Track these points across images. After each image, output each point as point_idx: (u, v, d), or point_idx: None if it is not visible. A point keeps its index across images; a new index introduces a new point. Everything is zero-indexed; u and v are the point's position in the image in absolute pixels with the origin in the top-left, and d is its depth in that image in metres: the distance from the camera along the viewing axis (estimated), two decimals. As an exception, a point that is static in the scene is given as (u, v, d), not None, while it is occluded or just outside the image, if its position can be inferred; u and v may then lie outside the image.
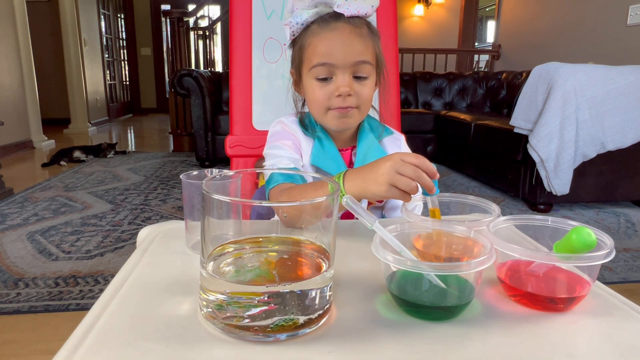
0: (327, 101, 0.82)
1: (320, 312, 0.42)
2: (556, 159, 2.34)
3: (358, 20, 0.82)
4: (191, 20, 4.60)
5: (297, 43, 0.86)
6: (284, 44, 1.64)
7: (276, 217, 0.45)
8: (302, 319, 0.40)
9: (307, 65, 0.83)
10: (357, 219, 0.50)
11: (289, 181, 0.77)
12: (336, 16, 0.81)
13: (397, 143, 0.95)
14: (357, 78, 0.81)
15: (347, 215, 0.85)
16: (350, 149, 0.92)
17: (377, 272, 0.53)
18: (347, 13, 0.80)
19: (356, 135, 0.92)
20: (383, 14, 1.42)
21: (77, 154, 3.81)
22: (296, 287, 0.40)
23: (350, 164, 0.91)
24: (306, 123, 0.91)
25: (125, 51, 8.06)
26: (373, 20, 1.31)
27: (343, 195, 0.61)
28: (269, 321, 0.40)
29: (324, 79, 0.81)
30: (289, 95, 0.97)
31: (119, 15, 7.79)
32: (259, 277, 0.43)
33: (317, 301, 0.41)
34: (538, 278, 0.50)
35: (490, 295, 0.50)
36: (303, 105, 0.95)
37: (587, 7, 3.67)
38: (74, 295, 1.51)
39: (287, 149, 0.87)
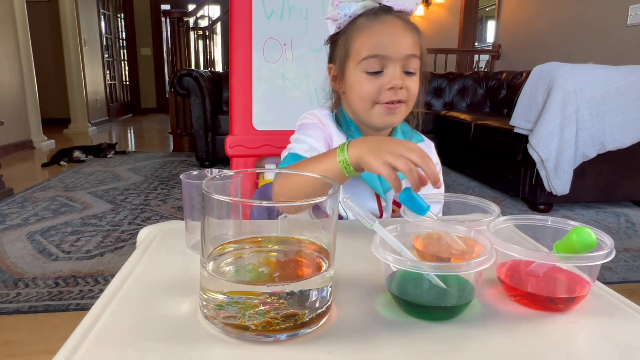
0: (377, 95, 0.79)
1: (320, 312, 0.42)
2: (556, 159, 2.34)
3: (405, 15, 0.81)
4: (191, 20, 4.60)
5: (342, 36, 0.83)
6: (284, 44, 1.64)
7: (281, 216, 0.44)
8: (302, 319, 0.40)
9: (355, 58, 0.81)
10: (357, 219, 0.50)
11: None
12: (385, 10, 0.80)
13: (427, 150, 0.93)
14: (405, 73, 0.80)
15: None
16: None
17: (377, 272, 0.53)
18: (396, 7, 0.80)
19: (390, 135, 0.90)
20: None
21: (77, 154, 3.81)
22: (296, 287, 0.40)
23: None
24: (340, 120, 0.88)
25: (125, 51, 8.06)
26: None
27: (345, 159, 0.63)
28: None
29: (374, 73, 0.79)
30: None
31: (119, 15, 7.79)
32: (259, 277, 0.43)
33: (317, 301, 0.41)
34: (538, 278, 0.50)
35: (490, 295, 0.50)
36: (336, 102, 0.92)
37: (587, 7, 3.67)
38: (74, 295, 1.51)
39: (315, 139, 0.85)
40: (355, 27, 0.81)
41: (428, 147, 0.94)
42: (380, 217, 0.89)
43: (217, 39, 6.54)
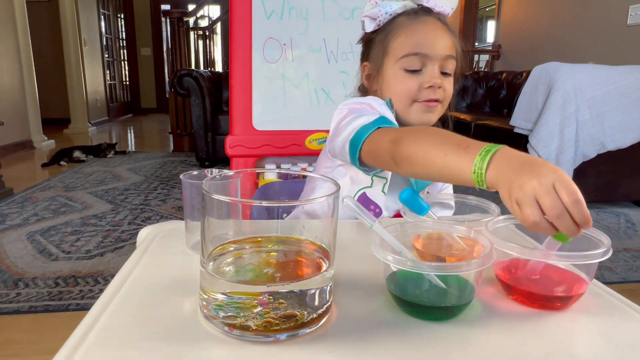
0: (417, 92, 0.80)
1: (320, 312, 0.42)
2: (556, 159, 2.34)
3: (443, 17, 0.83)
4: (191, 20, 4.60)
5: (381, 34, 0.84)
6: (284, 44, 1.64)
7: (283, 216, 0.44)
8: (302, 319, 0.40)
9: (394, 56, 0.82)
10: (357, 218, 0.50)
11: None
12: (425, 10, 0.82)
13: None
14: (442, 74, 0.81)
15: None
16: None
17: (377, 272, 0.53)
18: (435, 9, 0.82)
19: None
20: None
21: (77, 154, 3.81)
22: (296, 286, 0.40)
23: None
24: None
25: (125, 51, 8.06)
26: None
27: (481, 175, 0.50)
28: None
29: (413, 71, 0.80)
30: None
31: (119, 15, 7.78)
32: (259, 277, 0.43)
33: (317, 301, 0.41)
34: (536, 277, 0.50)
35: (489, 294, 0.50)
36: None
37: (587, 7, 3.67)
38: (74, 295, 1.51)
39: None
40: (395, 25, 0.82)
41: None
42: None
43: (217, 39, 6.54)
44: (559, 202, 0.43)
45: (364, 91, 0.92)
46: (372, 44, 0.87)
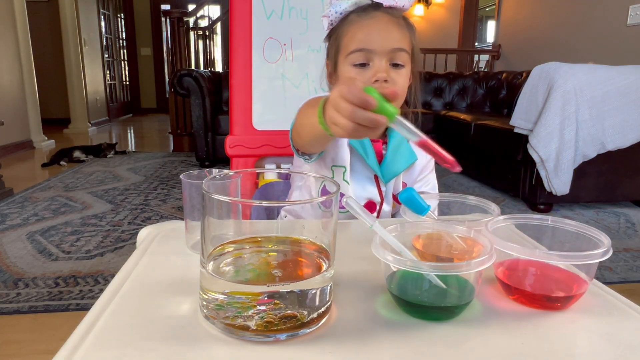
0: None
1: (320, 312, 0.42)
2: (556, 159, 2.34)
3: (396, 11, 0.84)
4: (191, 20, 4.60)
5: (335, 32, 0.87)
6: (284, 44, 1.64)
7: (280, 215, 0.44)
8: (302, 319, 0.40)
9: (343, 53, 0.84)
10: (357, 218, 0.50)
11: None
12: (375, 6, 0.83)
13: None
14: (394, 66, 0.82)
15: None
16: (381, 142, 0.90)
17: (377, 272, 0.53)
18: (385, 3, 0.82)
19: (385, 130, 0.91)
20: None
21: (77, 154, 3.81)
22: (296, 287, 0.40)
23: (381, 157, 0.89)
24: None
25: (125, 51, 8.06)
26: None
27: (322, 123, 0.56)
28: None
29: (361, 65, 0.82)
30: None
31: (119, 15, 7.78)
32: (258, 277, 0.43)
33: (317, 301, 0.41)
34: (535, 276, 0.50)
35: (489, 294, 0.50)
36: None
37: (587, 7, 3.67)
38: (74, 295, 1.51)
39: None
40: (346, 22, 0.84)
41: None
42: (381, 203, 0.88)
43: (217, 39, 6.54)
44: (348, 105, 0.49)
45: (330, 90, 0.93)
46: (330, 42, 0.89)
